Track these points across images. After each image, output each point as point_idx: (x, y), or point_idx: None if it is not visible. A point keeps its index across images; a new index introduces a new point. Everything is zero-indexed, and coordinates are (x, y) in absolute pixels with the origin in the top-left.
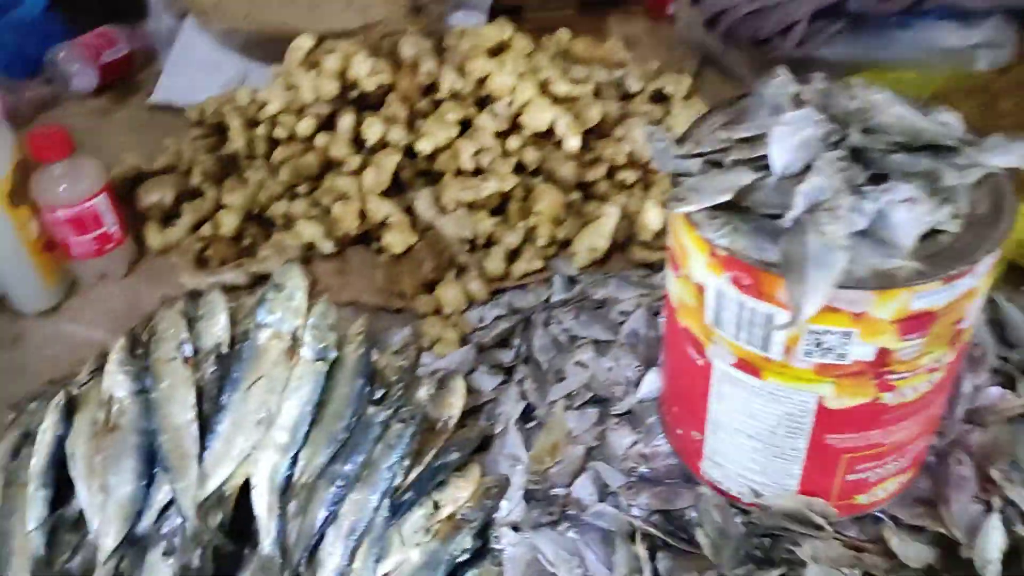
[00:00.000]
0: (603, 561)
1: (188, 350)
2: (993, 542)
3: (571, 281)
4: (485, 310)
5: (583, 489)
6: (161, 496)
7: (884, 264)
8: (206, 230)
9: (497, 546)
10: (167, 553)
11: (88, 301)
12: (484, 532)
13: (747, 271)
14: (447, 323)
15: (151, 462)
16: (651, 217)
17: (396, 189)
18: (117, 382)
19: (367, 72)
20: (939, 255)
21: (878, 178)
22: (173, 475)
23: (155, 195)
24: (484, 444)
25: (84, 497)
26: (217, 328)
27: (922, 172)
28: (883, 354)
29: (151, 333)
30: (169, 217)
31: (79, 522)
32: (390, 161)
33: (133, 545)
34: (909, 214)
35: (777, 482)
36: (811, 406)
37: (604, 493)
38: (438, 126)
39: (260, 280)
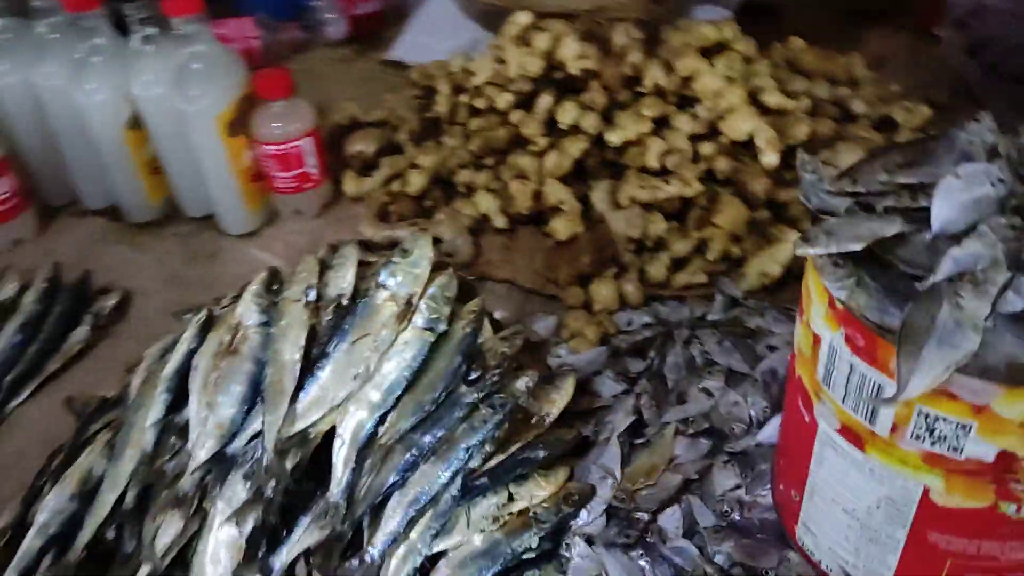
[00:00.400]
0: None
1: (312, 295)
2: None
3: (733, 303)
4: (635, 315)
5: (669, 520)
6: (256, 424)
7: (1022, 357)
8: (395, 186)
9: (566, 554)
10: (246, 477)
11: (280, 232)
12: (558, 537)
13: (862, 332)
14: (592, 320)
15: (257, 391)
16: None
17: (579, 177)
18: (248, 311)
19: (573, 55)
20: None
21: None
22: (267, 407)
23: (360, 145)
24: (582, 450)
25: (193, 409)
26: (343, 280)
27: None
28: (1006, 458)
29: (292, 274)
30: (369, 168)
31: (184, 430)
32: (575, 147)
33: (221, 463)
34: None
35: (870, 569)
36: (915, 496)
37: (690, 531)
38: (632, 119)
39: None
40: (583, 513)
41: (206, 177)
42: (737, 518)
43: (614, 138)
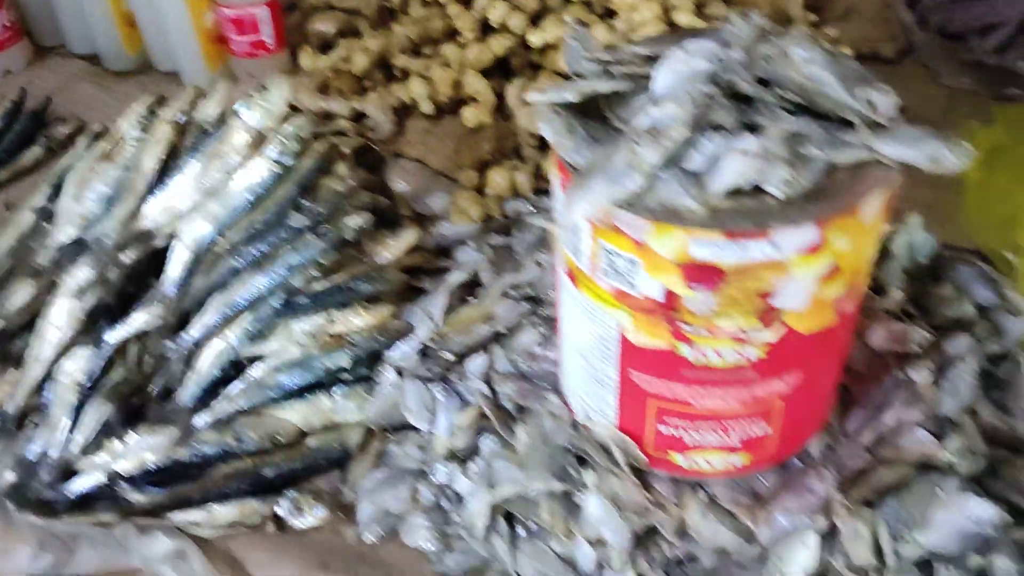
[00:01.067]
0: (447, 425)
1: (182, 118)
2: (798, 558)
3: None
4: (523, 205)
5: (472, 364)
6: (111, 222)
7: (675, 200)
8: (341, 64)
9: (377, 380)
10: (94, 260)
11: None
12: (373, 365)
13: (564, 172)
14: (479, 201)
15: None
16: None
17: (504, 75)
18: (128, 125)
19: None
20: (738, 212)
21: (753, 129)
22: (118, 203)
23: (321, 24)
24: (415, 296)
25: (61, 199)
26: (210, 109)
27: (789, 133)
28: (672, 298)
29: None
30: (328, 47)
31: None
32: (498, 44)
33: (77, 247)
34: (734, 164)
35: (599, 409)
36: (615, 333)
37: (487, 375)
38: (554, 23)
39: (359, 117)
40: (399, 347)
41: (170, 33)
42: (525, 368)
43: (535, 39)
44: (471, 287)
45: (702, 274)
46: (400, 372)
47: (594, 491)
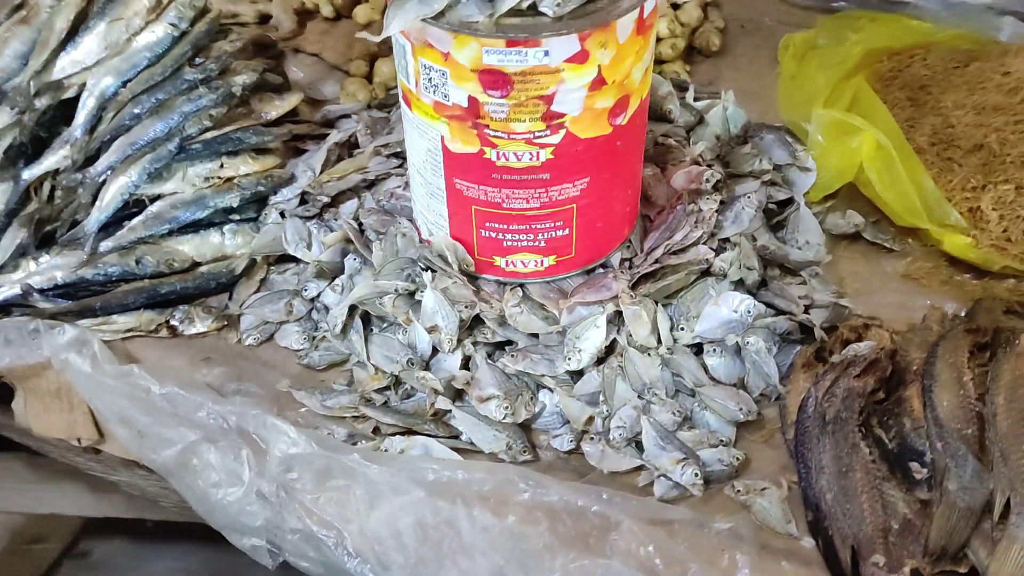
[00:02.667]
0: (318, 251)
1: None
2: (591, 335)
3: None
4: None
5: (344, 206)
6: (26, 74)
7: (470, 17)
8: None
9: (262, 218)
10: (9, 106)
11: None
12: (260, 208)
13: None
14: (366, 87)
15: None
16: None
17: None
18: None
19: None
20: (518, 26)
21: None
22: (33, 56)
23: None
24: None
25: None
26: None
27: None
28: (475, 104)
29: None
30: None
31: None
32: None
33: None
34: None
35: (436, 222)
36: (439, 144)
37: (358, 212)
38: None
39: (264, 19)
40: (283, 192)
41: None
42: (387, 205)
43: None
44: (350, 150)
45: (494, 80)
46: (283, 214)
47: (430, 288)
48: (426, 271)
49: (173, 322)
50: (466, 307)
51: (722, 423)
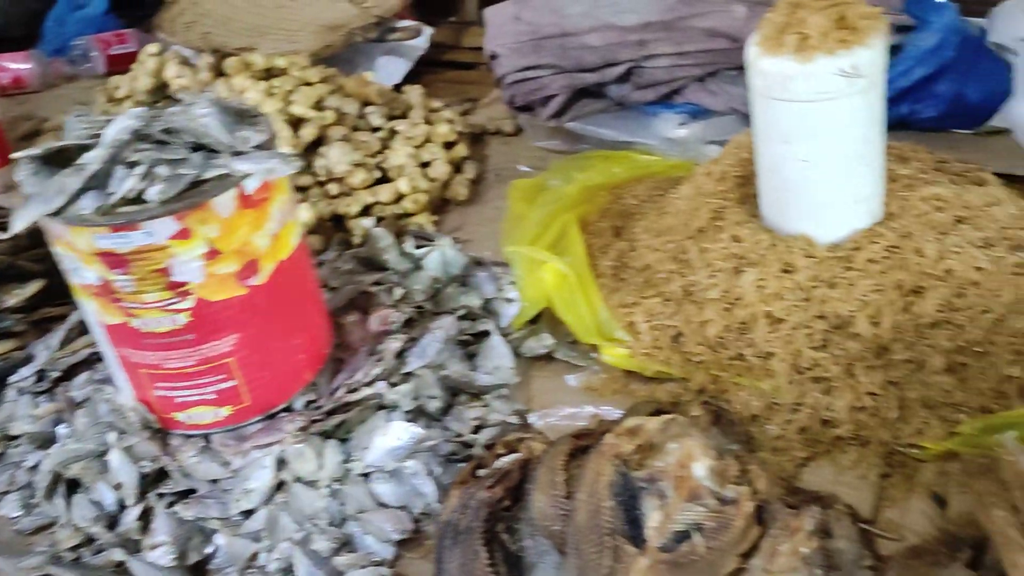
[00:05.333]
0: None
1: None
2: (259, 476)
3: None
4: None
5: (79, 379)
6: None
7: (83, 210)
8: None
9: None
10: None
11: None
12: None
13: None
14: None
15: None
16: None
17: None
18: None
19: (174, 75)
20: (125, 214)
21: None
22: None
23: None
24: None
25: None
26: None
27: (168, 160)
28: (106, 282)
29: None
30: None
31: None
32: None
33: None
34: (125, 183)
35: (123, 387)
36: (96, 319)
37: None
38: None
39: None
40: (20, 371)
41: None
42: (101, 375)
43: None
44: None
45: (113, 260)
46: (20, 391)
47: (114, 448)
48: (113, 432)
49: None
50: (151, 462)
51: (380, 544)
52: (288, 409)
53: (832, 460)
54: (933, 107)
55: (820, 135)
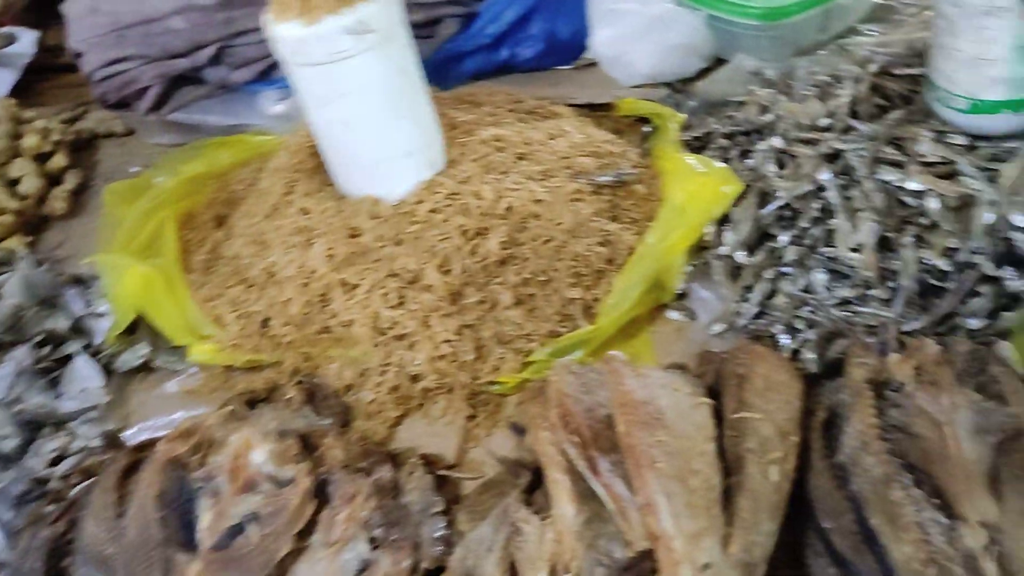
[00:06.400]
0: None
1: None
2: None
3: None
4: None
5: None
6: None
7: None
8: None
9: None
10: None
11: None
12: None
13: None
14: None
15: None
16: None
17: None
18: None
19: None
20: None
21: None
22: None
23: None
24: None
25: None
26: None
27: None
28: None
29: None
30: None
31: None
32: None
33: None
34: None
35: None
36: None
37: None
38: None
39: None
40: None
41: None
42: None
43: None
44: None
45: None
46: None
47: None
48: None
49: None
50: None
51: None
52: None
53: (425, 413)
54: (530, 48)
55: (348, 95)
